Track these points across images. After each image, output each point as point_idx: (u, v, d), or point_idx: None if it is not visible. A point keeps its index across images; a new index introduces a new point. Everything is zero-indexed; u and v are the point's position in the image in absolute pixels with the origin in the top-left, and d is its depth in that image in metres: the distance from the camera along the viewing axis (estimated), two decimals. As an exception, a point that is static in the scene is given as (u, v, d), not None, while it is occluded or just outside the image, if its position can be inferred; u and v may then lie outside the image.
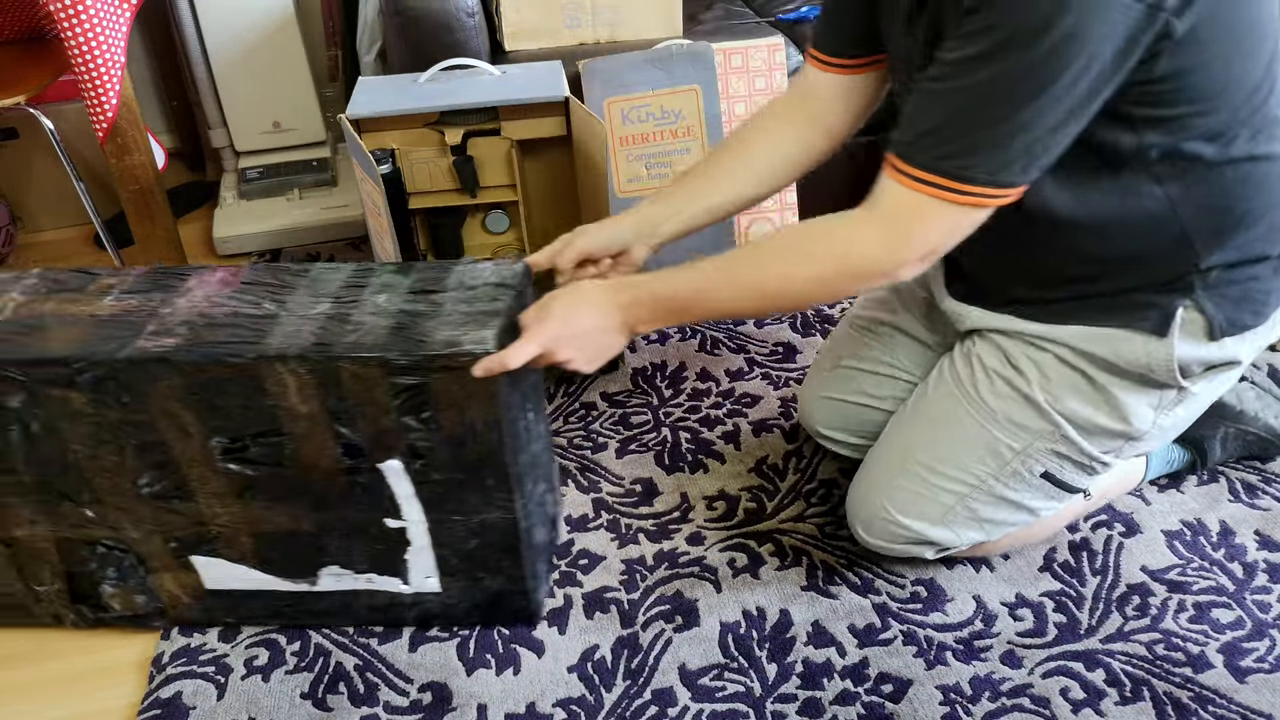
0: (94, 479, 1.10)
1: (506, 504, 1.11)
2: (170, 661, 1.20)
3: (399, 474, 1.09)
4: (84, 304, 1.11)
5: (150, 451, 1.08)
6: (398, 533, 1.14)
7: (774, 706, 1.12)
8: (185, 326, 1.06)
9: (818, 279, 0.99)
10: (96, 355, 1.02)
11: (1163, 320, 1.04)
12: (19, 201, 2.27)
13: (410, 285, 1.11)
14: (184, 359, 1.02)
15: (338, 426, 1.05)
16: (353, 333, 1.03)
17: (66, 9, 1.60)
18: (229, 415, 1.05)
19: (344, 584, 1.19)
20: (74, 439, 1.07)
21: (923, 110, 0.92)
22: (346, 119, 1.50)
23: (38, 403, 1.05)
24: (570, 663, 1.18)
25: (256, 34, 2.15)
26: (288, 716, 1.14)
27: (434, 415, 1.04)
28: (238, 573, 1.18)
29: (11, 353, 1.03)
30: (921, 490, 1.15)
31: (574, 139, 1.57)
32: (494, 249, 1.68)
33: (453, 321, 1.04)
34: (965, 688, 1.13)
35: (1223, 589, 1.24)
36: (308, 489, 1.10)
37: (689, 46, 1.74)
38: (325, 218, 2.19)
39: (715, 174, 1.20)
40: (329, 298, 1.10)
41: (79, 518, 1.14)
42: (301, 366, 1.01)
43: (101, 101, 1.73)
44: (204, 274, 1.17)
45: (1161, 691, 1.12)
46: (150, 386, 1.03)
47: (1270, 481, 1.40)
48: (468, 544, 1.14)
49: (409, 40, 1.71)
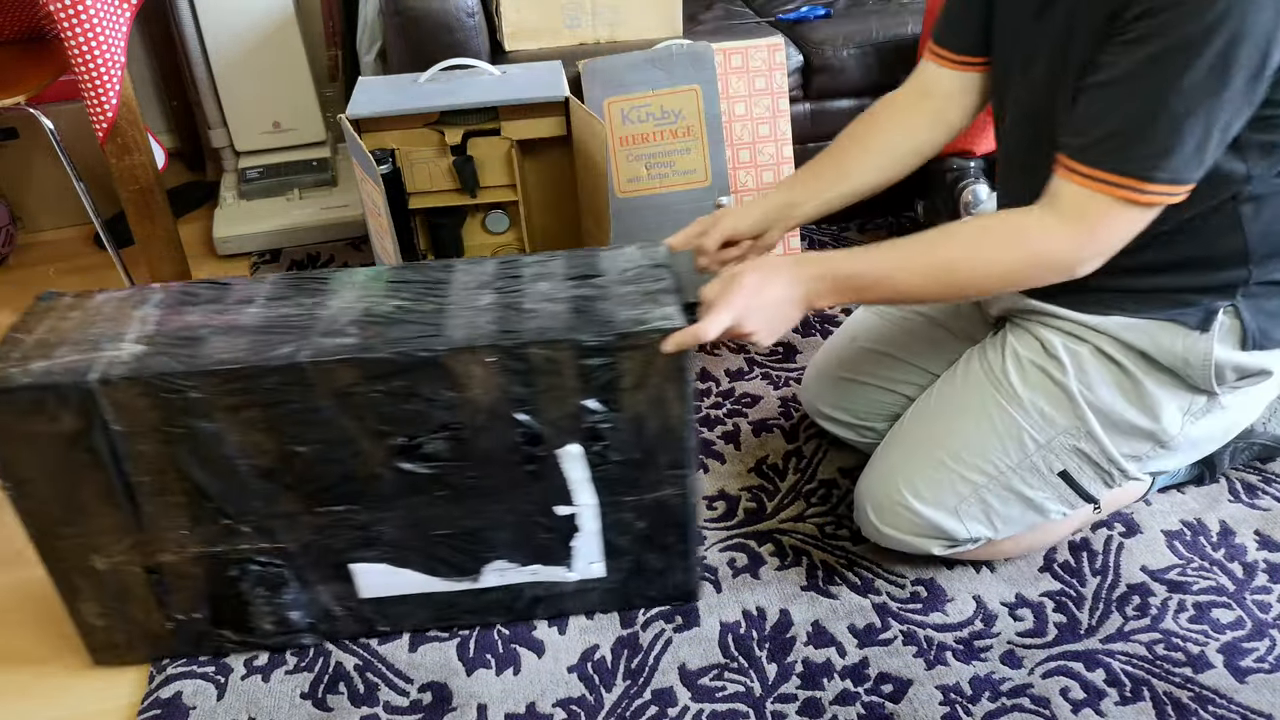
0: (256, 491, 1.07)
1: (680, 481, 1.12)
2: (170, 662, 1.20)
3: (576, 459, 1.09)
4: (231, 314, 1.08)
5: (319, 457, 1.06)
6: (567, 520, 1.14)
7: (774, 706, 1.12)
8: (355, 326, 1.04)
9: (1008, 269, 1.01)
10: (277, 360, 0.99)
11: (1205, 317, 1.07)
12: (19, 201, 2.27)
13: (565, 272, 1.13)
14: (371, 356, 1.00)
15: (518, 415, 1.05)
16: (534, 319, 1.03)
17: (66, 9, 1.60)
18: (407, 413, 1.04)
19: (507, 578, 1.18)
20: (240, 451, 1.04)
21: (1099, 113, 0.94)
22: (346, 119, 1.50)
23: (207, 415, 1.01)
24: (570, 663, 1.18)
25: (256, 34, 2.15)
26: (288, 716, 1.14)
27: (617, 396, 1.05)
28: (398, 577, 1.16)
29: (184, 365, 0.99)
30: (940, 476, 1.16)
31: (574, 139, 1.57)
32: (494, 249, 1.68)
33: (629, 301, 1.05)
34: (965, 688, 1.13)
35: (1223, 589, 1.24)
36: (479, 483, 1.10)
37: (689, 46, 1.74)
38: (325, 218, 2.19)
39: (847, 161, 1.23)
40: (488, 289, 1.10)
41: (234, 534, 1.10)
42: (491, 355, 1.01)
43: (101, 101, 1.73)
44: (342, 275, 1.15)
45: (1161, 691, 1.12)
46: (329, 388, 1.01)
47: (1270, 482, 1.40)
48: (636, 525, 1.15)
49: (409, 40, 1.71)
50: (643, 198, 1.77)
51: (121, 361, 1.00)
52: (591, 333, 1.01)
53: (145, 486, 1.05)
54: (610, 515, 1.14)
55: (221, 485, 1.06)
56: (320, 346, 1.01)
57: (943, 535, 1.18)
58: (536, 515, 1.13)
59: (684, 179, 1.77)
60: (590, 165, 1.53)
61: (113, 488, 1.05)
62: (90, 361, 1.00)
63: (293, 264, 2.10)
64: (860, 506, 1.23)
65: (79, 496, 1.05)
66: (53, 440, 1.01)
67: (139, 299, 1.11)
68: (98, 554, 1.09)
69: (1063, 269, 1.00)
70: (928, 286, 1.05)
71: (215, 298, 1.12)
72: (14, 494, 1.05)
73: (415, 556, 1.15)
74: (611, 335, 1.01)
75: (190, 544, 1.09)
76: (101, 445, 1.02)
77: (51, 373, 0.99)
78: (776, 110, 1.81)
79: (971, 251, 1.02)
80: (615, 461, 1.10)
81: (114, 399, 0.99)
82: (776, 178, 1.84)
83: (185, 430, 1.02)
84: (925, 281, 1.04)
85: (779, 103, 1.80)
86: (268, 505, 1.08)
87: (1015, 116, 1.13)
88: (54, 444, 1.01)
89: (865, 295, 1.08)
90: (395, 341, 1.01)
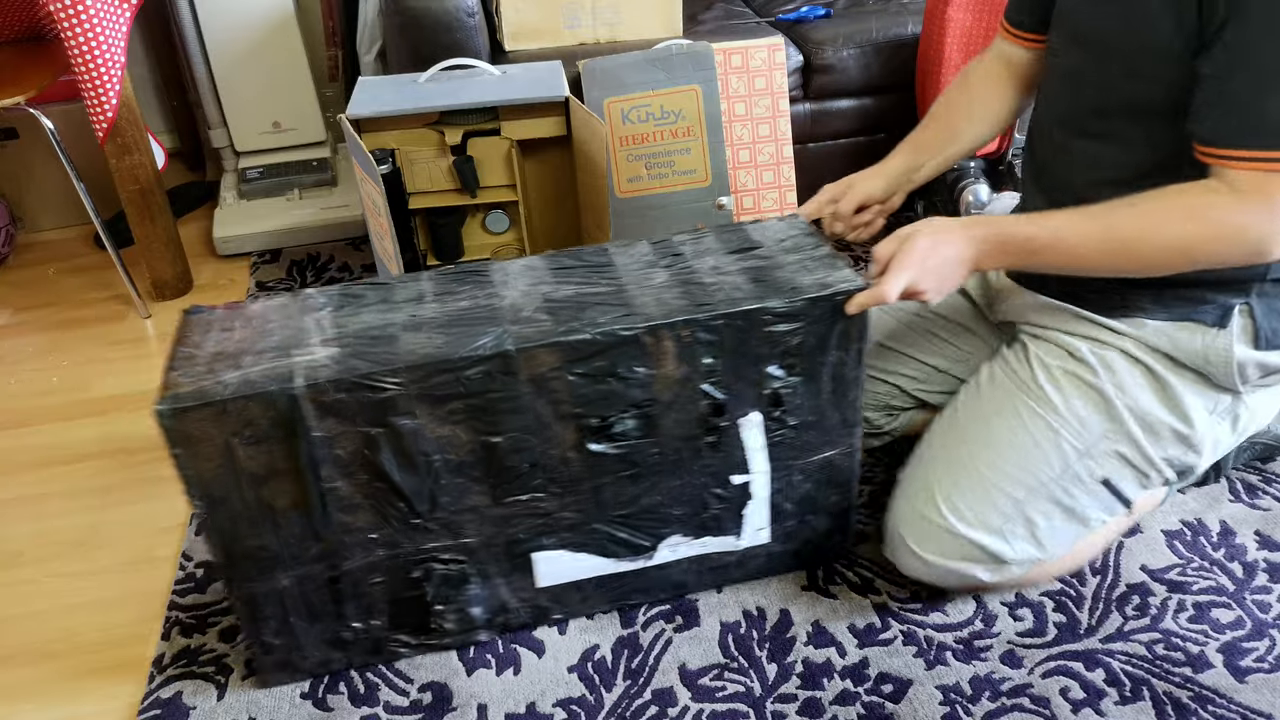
0: (446, 487, 1.06)
1: (848, 439, 1.16)
2: (170, 662, 1.20)
3: (755, 426, 1.11)
4: (408, 309, 1.07)
5: (513, 446, 1.06)
6: (742, 488, 1.16)
7: (774, 706, 1.12)
8: (543, 313, 1.04)
9: (1190, 241, 0.99)
10: (482, 350, 0.99)
11: (1222, 314, 1.08)
12: (19, 201, 2.28)
13: (724, 246, 1.15)
14: (575, 339, 1.01)
15: (705, 386, 1.07)
16: (718, 291, 1.06)
17: (66, 9, 1.60)
18: (601, 393, 1.05)
19: (679, 552, 1.19)
20: (436, 446, 1.04)
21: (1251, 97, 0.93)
22: (346, 119, 1.50)
23: (410, 411, 1.00)
24: (570, 662, 1.18)
25: (256, 34, 2.15)
26: (288, 716, 1.14)
27: (799, 360, 1.08)
28: (577, 563, 1.16)
29: (387, 362, 0.98)
30: (981, 493, 1.12)
31: (574, 139, 1.57)
32: (494, 249, 1.68)
33: (804, 268, 1.09)
34: (965, 688, 1.13)
35: (1223, 589, 1.24)
36: (662, 458, 1.11)
37: (689, 46, 1.74)
38: (325, 218, 2.19)
39: (955, 123, 1.29)
40: (656, 268, 1.12)
41: (421, 533, 1.09)
42: (688, 329, 1.03)
43: (101, 101, 1.73)
44: (498, 266, 1.15)
45: (1161, 691, 1.12)
46: (530, 374, 1.02)
47: (1270, 482, 1.40)
48: (803, 487, 1.18)
49: (409, 40, 1.71)
50: (643, 197, 1.77)
51: (320, 365, 0.98)
52: (781, 299, 1.04)
53: (337, 492, 1.04)
54: (780, 479, 1.16)
55: (415, 482, 1.05)
56: (520, 334, 1.01)
57: (989, 557, 1.12)
58: (712, 486, 1.15)
59: (684, 179, 1.77)
60: (590, 165, 1.53)
61: (307, 496, 1.03)
62: (289, 368, 0.98)
63: (293, 264, 2.10)
64: (895, 537, 1.17)
65: (272, 509, 1.03)
66: (250, 451, 0.99)
67: (301, 305, 1.09)
68: (283, 568, 1.07)
69: (1252, 244, 0.97)
70: (1101, 254, 1.03)
71: (382, 297, 1.10)
72: (206, 512, 1.02)
73: (594, 539, 1.15)
74: (801, 300, 1.04)
75: (376, 547, 1.09)
76: (301, 452, 1.00)
77: (252, 382, 0.97)
78: (776, 110, 1.81)
79: (1154, 224, 0.99)
80: (791, 425, 1.13)
81: (318, 403, 0.98)
82: (776, 178, 1.84)
83: (385, 429, 1.01)
84: (1100, 252, 1.02)
85: (779, 103, 1.80)
86: (456, 500, 1.08)
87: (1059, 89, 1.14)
88: (252, 455, 0.99)
89: (1035, 260, 1.06)
90: (595, 323, 1.02)
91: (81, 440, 1.62)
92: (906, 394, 1.36)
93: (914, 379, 1.35)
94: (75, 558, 1.39)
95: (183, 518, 1.43)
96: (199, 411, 0.95)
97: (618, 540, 1.16)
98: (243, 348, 1.02)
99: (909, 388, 1.36)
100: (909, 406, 1.37)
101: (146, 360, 1.82)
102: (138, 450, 1.59)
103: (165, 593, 1.31)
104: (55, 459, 1.59)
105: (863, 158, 2.00)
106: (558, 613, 1.21)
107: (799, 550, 1.24)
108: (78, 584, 1.35)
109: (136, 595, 1.32)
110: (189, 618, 1.26)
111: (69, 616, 1.30)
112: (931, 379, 1.35)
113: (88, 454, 1.59)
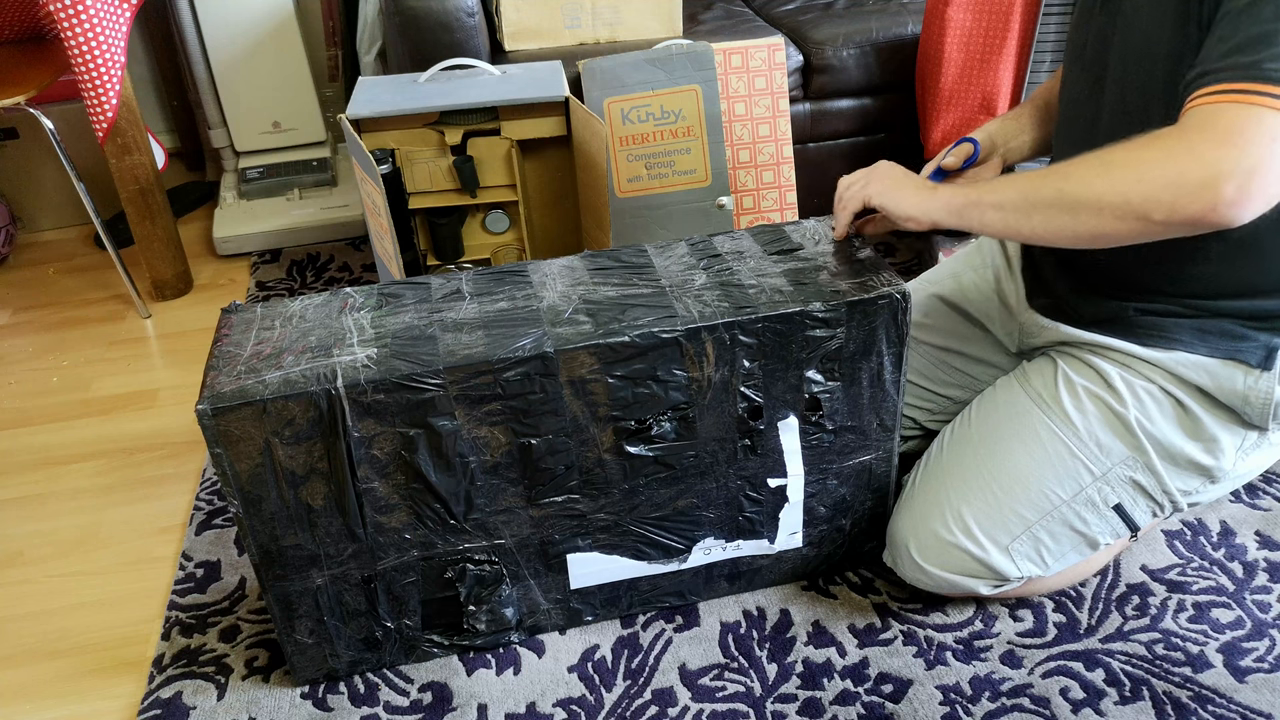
0: (481, 488, 1.07)
1: (886, 442, 1.15)
2: (170, 662, 1.20)
3: (792, 430, 1.11)
4: (447, 312, 1.07)
5: (549, 448, 1.06)
6: (778, 492, 1.15)
7: (774, 706, 1.12)
8: (582, 315, 1.04)
9: (1144, 194, 0.87)
10: (523, 351, 0.99)
11: (1267, 355, 1.03)
12: (19, 201, 2.28)
13: (763, 250, 1.15)
14: (615, 341, 1.01)
15: (743, 389, 1.07)
16: (759, 294, 1.06)
17: (66, 9, 1.60)
18: (640, 395, 1.05)
19: (712, 556, 1.19)
20: (473, 447, 1.04)
21: (1229, 32, 0.88)
22: (346, 119, 1.50)
23: (449, 412, 1.01)
24: (570, 662, 1.18)
25: (256, 34, 2.15)
26: (288, 716, 1.14)
27: (839, 365, 1.08)
28: (611, 565, 1.16)
29: (428, 363, 0.98)
30: (992, 511, 1.11)
31: (574, 139, 1.57)
32: (494, 249, 1.68)
33: (844, 272, 1.09)
34: (965, 688, 1.13)
35: (1223, 589, 1.24)
36: (698, 461, 1.11)
37: (689, 46, 1.74)
38: (325, 218, 2.19)
39: (1054, 105, 1.24)
40: (696, 270, 1.11)
41: (456, 534, 1.09)
42: (728, 333, 1.03)
43: (101, 101, 1.73)
44: (536, 267, 1.15)
45: (1161, 691, 1.12)
46: (569, 376, 1.01)
47: (1270, 482, 1.40)
48: (839, 491, 1.18)
49: (409, 40, 1.71)
50: (643, 198, 1.77)
51: (361, 365, 0.99)
52: (822, 303, 1.04)
53: (374, 492, 1.04)
54: (816, 483, 1.16)
55: (451, 483, 1.05)
56: (560, 335, 1.01)
57: (993, 574, 1.12)
58: (747, 490, 1.15)
59: (684, 179, 1.77)
60: (590, 165, 1.53)
61: (344, 495, 1.03)
62: (331, 367, 0.99)
63: (293, 264, 2.10)
64: (898, 545, 1.16)
65: (309, 509, 1.03)
66: (289, 451, 0.99)
67: (340, 304, 1.10)
68: (319, 568, 1.07)
69: (1207, 187, 0.84)
70: (1048, 221, 0.94)
71: (421, 298, 1.10)
72: (244, 512, 1.02)
73: (628, 542, 1.15)
74: (842, 304, 1.04)
75: (410, 548, 1.09)
76: (340, 452, 1.00)
77: (292, 381, 0.97)
78: (776, 110, 1.81)
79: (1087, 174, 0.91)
80: (829, 430, 1.13)
81: (358, 403, 0.98)
82: (776, 178, 1.84)
83: (423, 430, 1.01)
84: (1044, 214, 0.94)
85: (779, 103, 1.80)
86: (491, 501, 1.08)
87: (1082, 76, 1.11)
88: (291, 455, 0.99)
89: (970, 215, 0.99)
90: (635, 325, 1.02)
91: (81, 440, 1.63)
92: (919, 425, 1.35)
93: (928, 410, 1.34)
94: (75, 558, 1.39)
95: (183, 518, 1.44)
96: (240, 411, 0.96)
97: (652, 542, 1.16)
98: (282, 347, 1.03)
99: (922, 419, 1.34)
100: (917, 435, 1.36)
101: (146, 360, 1.82)
102: (138, 450, 1.59)
103: (165, 593, 1.31)
104: (55, 459, 1.59)
105: (863, 158, 2.00)
106: (589, 614, 1.21)
107: (832, 553, 1.24)
108: (78, 584, 1.35)
109: (136, 595, 1.32)
110: (189, 618, 1.26)
111: (69, 616, 1.30)
112: (946, 410, 1.33)
113: (88, 454, 1.59)
